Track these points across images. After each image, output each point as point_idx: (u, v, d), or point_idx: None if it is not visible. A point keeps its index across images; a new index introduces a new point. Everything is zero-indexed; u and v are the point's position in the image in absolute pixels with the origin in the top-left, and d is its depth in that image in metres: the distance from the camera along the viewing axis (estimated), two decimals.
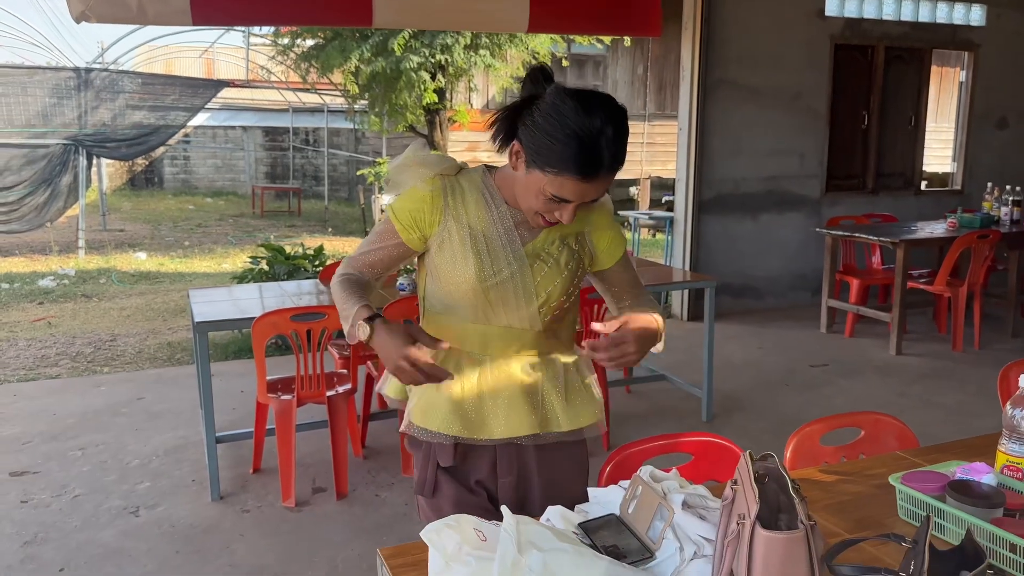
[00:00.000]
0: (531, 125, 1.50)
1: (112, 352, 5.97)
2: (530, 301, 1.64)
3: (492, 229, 1.62)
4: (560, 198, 1.51)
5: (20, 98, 10.92)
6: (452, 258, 1.61)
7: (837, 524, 1.57)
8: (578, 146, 1.46)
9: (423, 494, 1.73)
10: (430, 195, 1.61)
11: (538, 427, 1.69)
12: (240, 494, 3.56)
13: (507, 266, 1.61)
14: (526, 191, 1.55)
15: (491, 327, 1.66)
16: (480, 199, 1.63)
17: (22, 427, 4.38)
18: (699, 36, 6.40)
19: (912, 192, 7.79)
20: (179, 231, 13.19)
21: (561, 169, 1.48)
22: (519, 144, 1.53)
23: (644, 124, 13.79)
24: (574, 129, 1.46)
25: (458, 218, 1.62)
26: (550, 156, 1.48)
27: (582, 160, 1.47)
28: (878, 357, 5.76)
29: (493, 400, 1.67)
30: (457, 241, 1.61)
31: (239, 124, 19.12)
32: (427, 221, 1.62)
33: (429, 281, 1.70)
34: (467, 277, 1.60)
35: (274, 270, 6.10)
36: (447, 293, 1.65)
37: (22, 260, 10.24)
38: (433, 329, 1.67)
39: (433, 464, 1.71)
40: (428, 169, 1.63)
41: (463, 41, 10.31)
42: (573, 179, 1.48)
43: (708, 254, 6.77)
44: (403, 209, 1.63)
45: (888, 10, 7.24)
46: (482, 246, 1.61)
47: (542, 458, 1.75)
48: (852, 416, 2.15)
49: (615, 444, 4.03)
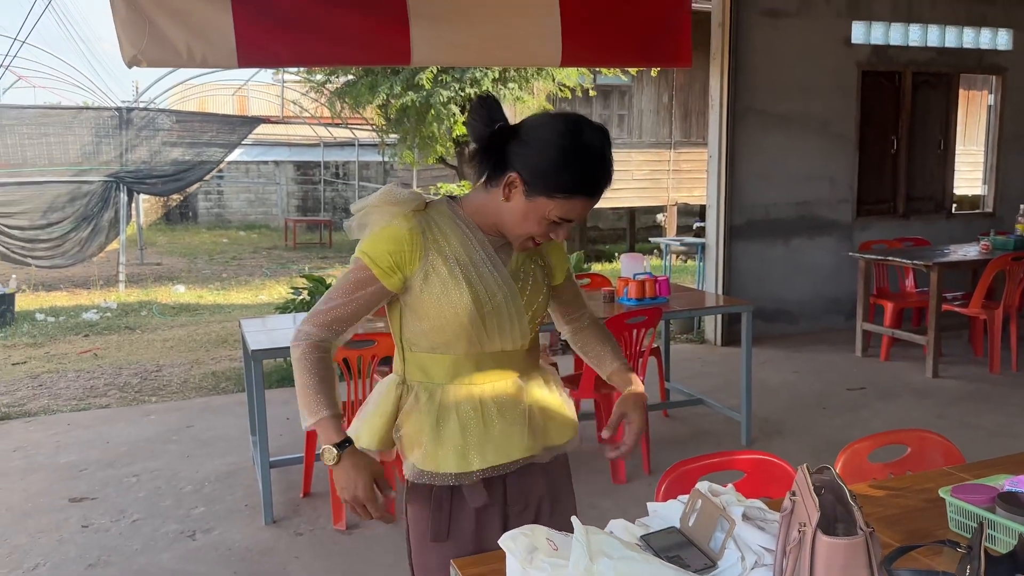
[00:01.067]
0: (529, 156, 1.54)
1: (158, 382, 6.13)
2: (522, 320, 1.68)
3: (476, 256, 1.63)
4: (565, 219, 1.58)
5: (63, 137, 11.29)
6: (443, 291, 1.60)
7: (890, 536, 1.62)
8: (588, 168, 1.56)
9: (438, 539, 1.69)
10: (408, 233, 1.59)
11: (537, 447, 1.72)
12: (292, 518, 3.66)
13: (499, 290, 1.64)
14: (524, 218, 1.58)
15: (484, 353, 1.66)
16: (456, 229, 1.63)
17: (78, 455, 4.52)
18: (727, 65, 6.51)
19: (943, 215, 7.80)
20: (215, 264, 13.47)
21: (573, 192, 1.55)
22: (516, 175, 1.55)
23: (670, 152, 13.89)
24: (579, 153, 1.54)
25: (440, 251, 1.61)
26: (559, 181, 1.54)
27: (593, 180, 1.57)
28: (915, 380, 5.76)
29: (498, 426, 1.67)
30: (445, 274, 1.60)
31: (271, 159, 19.53)
32: (407, 260, 1.59)
33: (411, 321, 1.66)
34: (462, 307, 1.60)
35: (315, 300, 6.25)
36: (437, 328, 1.63)
37: (65, 294, 10.52)
38: (423, 369, 1.66)
39: (446, 507, 1.68)
40: (400, 207, 1.61)
41: (492, 75, 10.53)
42: (583, 200, 1.57)
43: (740, 279, 6.82)
44: (380, 252, 1.59)
45: (914, 36, 7.32)
46: (472, 274, 1.61)
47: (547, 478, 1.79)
48: (898, 434, 2.20)
49: (656, 467, 4.09)
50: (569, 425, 1.81)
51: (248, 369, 4.03)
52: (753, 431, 4.60)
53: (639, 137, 13.81)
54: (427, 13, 4.67)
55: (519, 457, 1.69)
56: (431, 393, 1.65)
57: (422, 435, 1.65)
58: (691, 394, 5.03)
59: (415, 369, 1.68)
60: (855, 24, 7.04)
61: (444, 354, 1.65)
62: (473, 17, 4.83)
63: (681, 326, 7.12)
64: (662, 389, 5.06)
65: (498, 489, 1.72)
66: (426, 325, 1.64)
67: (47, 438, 4.83)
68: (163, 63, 4.71)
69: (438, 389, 1.66)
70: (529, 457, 1.71)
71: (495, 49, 5.04)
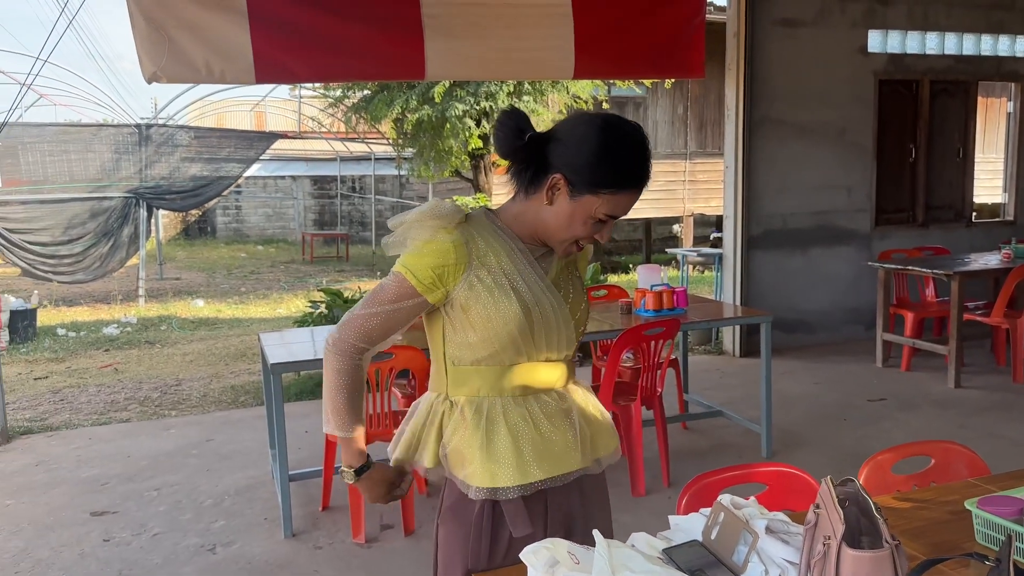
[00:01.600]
0: (569, 154, 1.55)
1: (178, 396, 6.17)
2: (569, 328, 1.67)
3: (520, 266, 1.62)
4: (611, 216, 1.58)
5: (84, 154, 11.44)
6: (491, 302, 1.58)
7: (915, 549, 1.60)
8: (632, 159, 1.56)
9: (476, 569, 1.62)
10: (452, 246, 1.57)
11: (588, 458, 1.70)
12: (312, 531, 3.66)
13: (545, 298, 1.63)
14: (570, 220, 1.57)
15: (530, 364, 1.64)
16: (498, 239, 1.62)
17: (100, 469, 4.55)
18: (743, 75, 6.51)
19: (963, 224, 7.74)
20: (233, 278, 13.56)
21: (619, 185, 1.55)
22: (560, 176, 1.55)
23: (686, 162, 13.88)
24: (621, 145, 1.55)
25: (485, 262, 1.59)
26: (605, 175, 1.54)
27: (638, 171, 1.58)
28: (936, 390, 5.70)
29: (550, 436, 1.64)
30: (492, 284, 1.58)
31: (289, 174, 19.68)
32: (451, 273, 1.57)
33: (455, 335, 1.63)
34: (511, 316, 1.58)
35: (332, 313, 6.28)
36: (484, 340, 1.60)
37: (86, 309, 10.62)
38: (464, 385, 1.63)
39: (487, 532, 1.62)
40: (442, 221, 1.58)
41: (506, 88, 10.58)
42: (629, 193, 1.57)
43: (758, 289, 6.79)
44: (423, 267, 1.56)
45: (931, 44, 7.28)
46: (519, 283, 1.60)
47: (584, 494, 1.74)
48: (922, 445, 2.18)
49: (675, 480, 4.07)
50: (612, 435, 1.79)
51: (267, 383, 4.06)
52: (773, 443, 4.56)
53: (654, 148, 13.54)
54: (442, 27, 4.70)
55: (575, 468, 1.66)
56: (477, 407, 1.62)
57: (472, 451, 1.60)
58: (710, 406, 5.00)
59: (460, 384, 1.64)
60: (871, 33, 7.02)
61: (490, 366, 1.62)
62: (487, 31, 4.86)
63: (699, 337, 7.08)
64: (680, 401, 5.04)
65: (539, 514, 1.66)
66: (472, 338, 1.61)
67: (69, 452, 4.87)
68: (182, 79, 4.77)
69: (484, 402, 1.62)
70: (582, 469, 1.68)
71: (509, 62, 5.07)
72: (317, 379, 5.90)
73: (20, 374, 7.07)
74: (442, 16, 4.72)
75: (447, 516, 1.68)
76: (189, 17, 4.42)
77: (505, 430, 1.61)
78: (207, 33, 4.45)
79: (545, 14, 4.95)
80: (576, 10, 4.96)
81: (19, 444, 5.05)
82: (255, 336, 7.88)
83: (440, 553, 1.70)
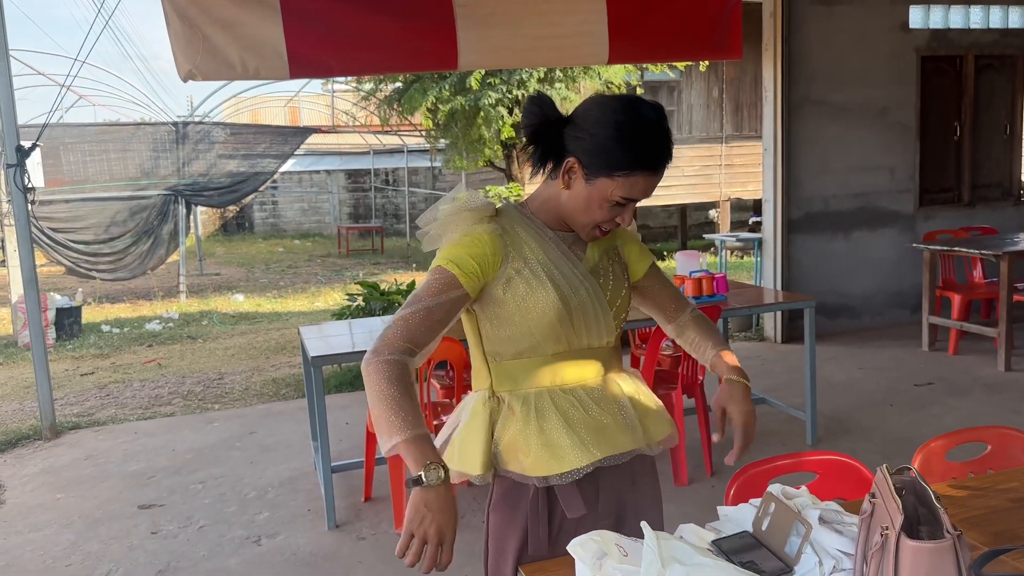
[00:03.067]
0: (585, 138, 1.52)
1: (221, 390, 6.25)
2: (607, 315, 1.66)
3: (553, 254, 1.61)
4: (628, 199, 1.54)
5: (123, 153, 11.63)
6: (528, 292, 1.57)
7: (975, 538, 1.55)
8: (647, 142, 1.52)
9: (538, 552, 1.60)
10: (488, 236, 1.57)
11: (640, 440, 1.68)
12: (355, 522, 3.68)
13: (581, 285, 1.62)
14: (587, 204, 1.56)
15: (572, 352, 1.64)
16: (529, 229, 1.62)
17: (146, 463, 4.63)
18: (780, 55, 6.38)
19: (1011, 202, 7.53)
20: (271, 273, 13.71)
21: (633, 168, 1.51)
22: (574, 160, 1.54)
23: (722, 146, 13.69)
24: (635, 128, 1.51)
25: (520, 253, 1.59)
26: (618, 158, 1.51)
27: (654, 154, 1.53)
28: (986, 374, 5.56)
29: (600, 418, 1.64)
30: (529, 275, 1.58)
31: (323, 168, 19.84)
32: (490, 264, 1.56)
33: (493, 331, 1.62)
34: (549, 306, 1.57)
35: (370, 306, 6.31)
36: (524, 332, 1.59)
37: (128, 306, 10.81)
38: (508, 379, 1.62)
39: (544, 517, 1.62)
40: (476, 213, 1.58)
41: (537, 75, 10.52)
42: (645, 176, 1.53)
43: (800, 273, 6.67)
44: (463, 256, 1.55)
45: (975, 18, 7.07)
46: (554, 272, 1.60)
47: (635, 480, 1.74)
48: (977, 431, 2.11)
49: (719, 469, 4.02)
50: (664, 419, 1.76)
51: (308, 375, 4.08)
52: (819, 430, 4.48)
53: (689, 132, 13.65)
54: (474, 16, 4.68)
55: (629, 449, 1.65)
56: (524, 399, 1.61)
57: (528, 442, 1.58)
58: (753, 393, 4.92)
59: (503, 380, 1.63)
60: (913, 8, 6.83)
61: (531, 358, 1.62)
62: (519, 18, 4.83)
63: (739, 324, 6.99)
64: None
65: (591, 496, 1.66)
66: (512, 331, 1.60)
67: (116, 446, 4.95)
68: (216, 76, 4.81)
69: (531, 394, 1.61)
70: (634, 450, 1.67)
71: (542, 50, 5.03)
72: (356, 371, 5.94)
73: (67, 370, 7.21)
74: (474, 4, 4.70)
75: (499, 504, 1.65)
76: (223, 15, 4.45)
77: (556, 416, 1.60)
78: (241, 30, 4.48)
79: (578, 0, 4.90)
80: None
81: (68, 439, 5.16)
82: (294, 329, 7.95)
83: (492, 541, 1.69)
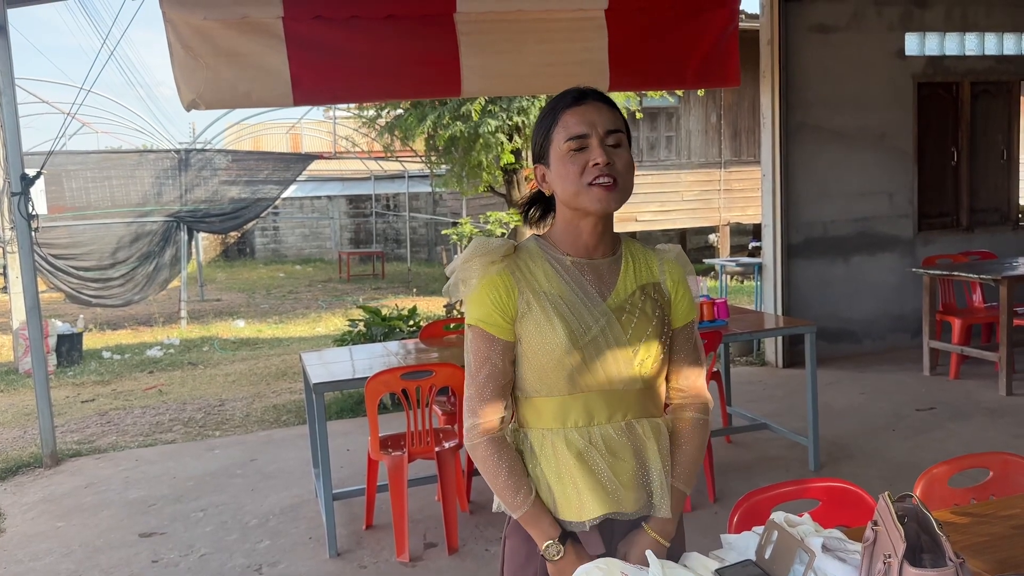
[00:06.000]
0: (533, 148, 1.65)
1: (222, 416, 6.24)
2: (626, 355, 1.60)
3: (567, 290, 1.60)
4: (574, 136, 1.55)
5: (126, 180, 11.70)
6: (538, 328, 1.57)
7: (979, 567, 1.54)
8: (556, 97, 1.62)
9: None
10: (499, 277, 1.59)
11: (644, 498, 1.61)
12: (356, 550, 3.67)
13: (595, 323, 1.58)
14: (563, 177, 1.58)
15: (592, 394, 1.59)
16: (545, 264, 1.62)
17: (147, 490, 4.61)
18: (778, 81, 6.45)
19: (1010, 227, 7.56)
20: (272, 298, 13.73)
21: (555, 114, 1.59)
22: (538, 165, 1.65)
23: (720, 171, 13.76)
24: (555, 97, 1.63)
25: (533, 289, 1.59)
26: (546, 122, 1.60)
27: (563, 96, 1.60)
28: (988, 398, 5.55)
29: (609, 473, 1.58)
30: (538, 310, 1.58)
31: (325, 194, 19.93)
32: (509, 304, 1.58)
33: (519, 368, 1.63)
34: (559, 342, 1.56)
35: (371, 331, 6.32)
36: (539, 368, 1.59)
37: (129, 332, 10.81)
38: (533, 413, 1.62)
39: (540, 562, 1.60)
40: (490, 256, 1.61)
41: (538, 103, 10.60)
42: (569, 111, 1.57)
43: (800, 298, 6.69)
44: (487, 310, 1.59)
45: (971, 45, 7.15)
46: (564, 309, 1.58)
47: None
48: (979, 457, 2.11)
49: (721, 495, 4.00)
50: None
51: (309, 402, 4.08)
52: (821, 455, 4.47)
53: (688, 158, 13.73)
54: (478, 43, 4.74)
55: (634, 510, 1.60)
56: (541, 437, 1.60)
57: (539, 480, 1.60)
58: (754, 418, 4.93)
59: (527, 414, 1.64)
60: (908, 36, 6.91)
61: (549, 396, 1.60)
62: (522, 45, 4.89)
63: (740, 348, 6.99)
64: (724, 414, 4.97)
65: (607, 535, 1.62)
66: (528, 368, 1.61)
67: (116, 474, 4.94)
68: (220, 104, 4.86)
69: (548, 432, 1.60)
70: (640, 511, 1.61)
71: (544, 76, 5.08)
72: (358, 397, 5.93)
73: (68, 397, 7.21)
74: (477, 32, 4.76)
75: (515, 530, 1.65)
76: (227, 44, 4.50)
77: (569, 460, 1.57)
78: (245, 59, 4.54)
79: (578, 27, 4.97)
80: (609, 21, 4.97)
81: (68, 466, 5.14)
82: (295, 355, 7.95)
83: (507, 566, 1.69)
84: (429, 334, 4.58)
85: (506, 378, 1.61)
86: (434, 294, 12.93)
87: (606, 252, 1.65)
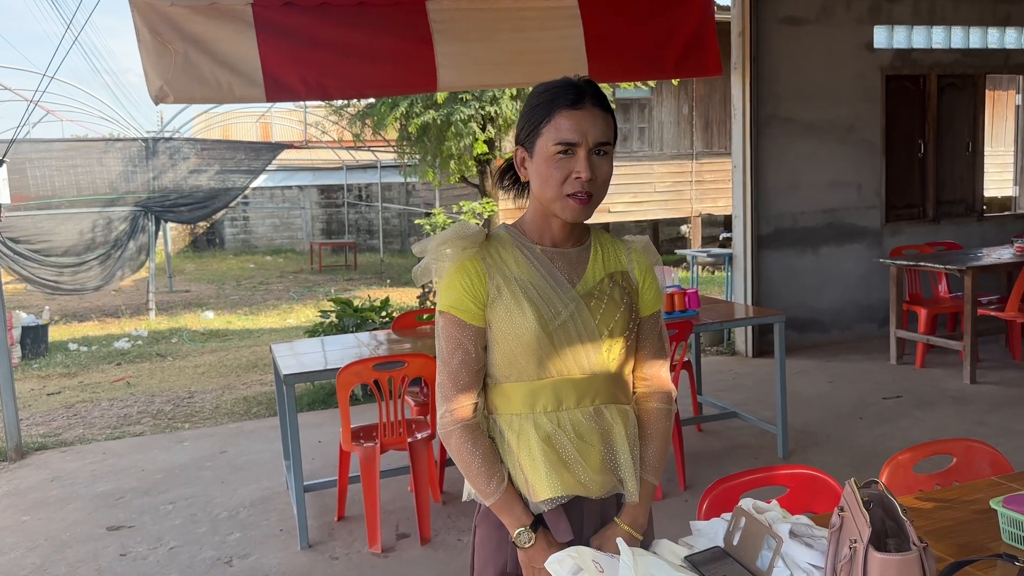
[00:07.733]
0: (517, 128, 1.63)
1: (191, 408, 6.17)
2: (595, 341, 1.61)
3: (537, 276, 1.61)
4: (563, 143, 1.53)
5: (91, 168, 11.48)
6: (508, 313, 1.58)
7: (942, 551, 1.58)
8: (554, 89, 1.57)
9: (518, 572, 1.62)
10: (471, 263, 1.60)
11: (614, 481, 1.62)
12: (328, 542, 3.65)
13: (564, 308, 1.60)
14: (545, 177, 1.55)
15: (562, 379, 1.60)
16: (515, 251, 1.63)
17: (115, 483, 4.55)
18: (749, 74, 6.49)
19: (975, 218, 7.69)
20: (242, 289, 13.59)
21: (550, 110, 1.55)
22: (518, 147, 1.62)
23: (692, 163, 13.85)
24: (544, 87, 1.59)
25: (503, 275, 1.60)
26: (539, 114, 1.56)
27: (563, 93, 1.56)
28: (952, 387, 5.66)
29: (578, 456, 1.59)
30: (508, 295, 1.59)
31: (295, 184, 19.74)
32: (480, 289, 1.59)
33: (490, 355, 1.64)
34: (528, 327, 1.57)
35: (343, 322, 6.28)
36: (508, 352, 1.60)
37: (95, 324, 10.66)
38: (502, 399, 1.63)
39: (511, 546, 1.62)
40: (464, 242, 1.62)
41: (509, 93, 10.58)
42: (564, 113, 1.53)
43: (770, 288, 6.76)
44: (458, 296, 1.60)
45: (938, 39, 7.25)
46: (534, 294, 1.59)
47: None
48: (943, 444, 2.16)
49: (692, 483, 4.04)
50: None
51: (280, 394, 4.05)
52: (789, 443, 4.53)
53: (660, 149, 13.79)
54: (451, 31, 4.69)
55: (601, 493, 1.61)
56: (510, 422, 1.61)
57: (511, 465, 1.61)
58: (724, 407, 4.98)
59: (496, 400, 1.64)
60: (877, 29, 6.99)
61: (518, 382, 1.61)
62: (496, 33, 4.84)
63: (710, 338, 7.05)
64: (695, 403, 5.01)
65: (576, 520, 1.63)
66: (498, 353, 1.61)
67: (83, 467, 4.87)
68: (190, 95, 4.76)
69: (516, 418, 1.61)
70: (610, 492, 1.62)
71: (521, 64, 5.02)
72: (329, 389, 5.90)
73: (33, 390, 7.09)
74: (449, 21, 4.72)
75: (485, 518, 1.66)
76: (195, 30, 4.42)
77: (537, 443, 1.58)
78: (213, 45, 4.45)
79: (551, 15, 4.93)
80: (583, 10, 4.94)
81: (34, 460, 5.06)
82: (266, 347, 7.88)
83: (477, 554, 1.69)
84: (401, 325, 4.56)
85: (479, 364, 1.62)
86: (407, 285, 12.88)
87: (576, 242, 1.68)
